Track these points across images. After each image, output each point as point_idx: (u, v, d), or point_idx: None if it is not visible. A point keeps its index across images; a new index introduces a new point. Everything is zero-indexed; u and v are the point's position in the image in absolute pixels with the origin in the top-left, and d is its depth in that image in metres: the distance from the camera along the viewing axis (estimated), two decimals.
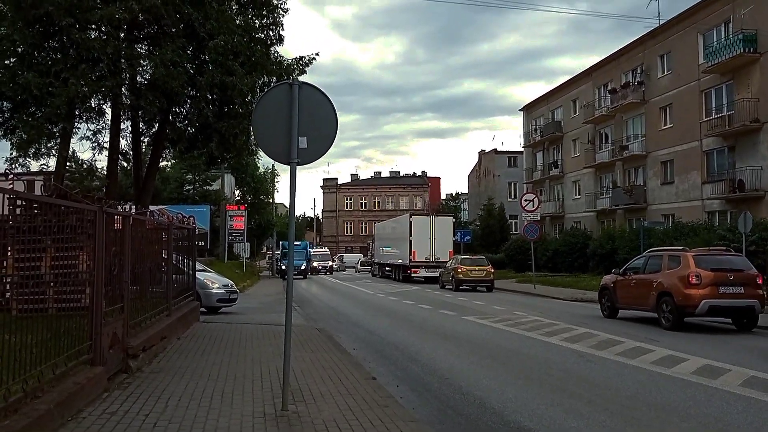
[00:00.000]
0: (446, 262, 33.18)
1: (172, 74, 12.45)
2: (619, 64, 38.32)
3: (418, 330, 14.18)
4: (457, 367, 9.39)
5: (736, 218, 24.06)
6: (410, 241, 35.96)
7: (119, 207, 7.98)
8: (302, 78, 14.01)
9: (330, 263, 59.54)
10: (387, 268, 42.82)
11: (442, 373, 8.95)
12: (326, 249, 69.01)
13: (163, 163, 35.38)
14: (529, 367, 9.44)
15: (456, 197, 78.36)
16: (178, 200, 41.98)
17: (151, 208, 17.67)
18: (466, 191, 77.10)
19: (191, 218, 15.22)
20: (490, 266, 29.46)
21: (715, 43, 29.22)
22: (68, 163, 24.66)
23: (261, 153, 36.92)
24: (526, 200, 31.01)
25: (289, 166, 6.40)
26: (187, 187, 45.56)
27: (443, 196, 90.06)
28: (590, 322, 15.09)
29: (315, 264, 55.16)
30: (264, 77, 14.39)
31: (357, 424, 5.64)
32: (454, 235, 38.50)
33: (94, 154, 15.92)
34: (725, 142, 29.24)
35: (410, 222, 36.77)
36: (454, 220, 40.91)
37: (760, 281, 14.01)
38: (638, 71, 36.27)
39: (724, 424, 6.26)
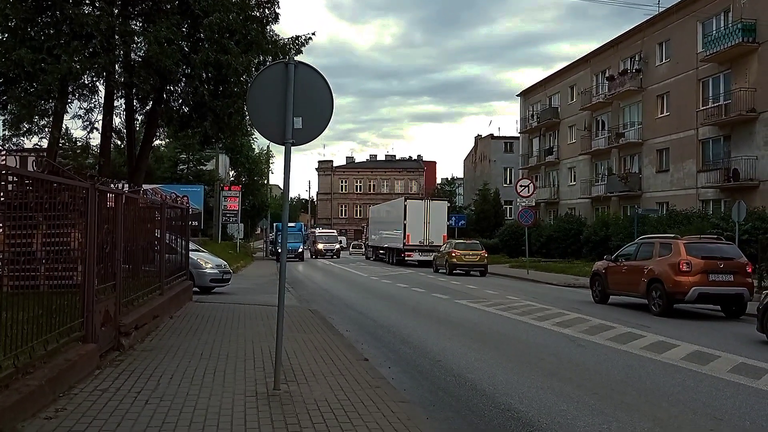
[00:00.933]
0: (440, 246, 33.30)
1: (166, 52, 12.30)
2: (618, 51, 38.18)
3: (411, 313, 14.22)
4: (449, 350, 9.44)
5: (730, 207, 24.16)
6: (405, 225, 36.01)
7: (112, 185, 7.92)
8: (298, 58, 13.88)
9: (337, 246, 54.02)
10: (381, 251, 43.02)
11: (434, 355, 8.99)
12: (334, 230, 62.78)
13: (157, 142, 35.15)
14: (520, 351, 9.50)
15: (451, 182, 78.30)
16: (172, 180, 41.79)
17: (145, 187, 17.58)
18: (462, 176, 77.11)
19: (185, 198, 15.17)
20: (483, 251, 29.60)
21: (714, 32, 29.12)
22: (61, 141, 24.49)
23: (256, 134, 36.83)
24: (521, 186, 31.04)
25: (283, 147, 6.36)
26: (181, 167, 45.34)
27: (439, 181, 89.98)
28: (582, 308, 15.18)
29: (320, 246, 52.23)
30: (260, 56, 14.24)
31: (348, 404, 5.67)
32: (448, 220, 38.83)
33: (87, 132, 15.70)
34: (721, 132, 29.26)
35: (405, 206, 36.90)
36: (449, 204, 41.05)
37: (749, 269, 14.18)
38: (636, 59, 36.15)
39: (713, 409, 6.32)
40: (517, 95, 54.31)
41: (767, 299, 10.72)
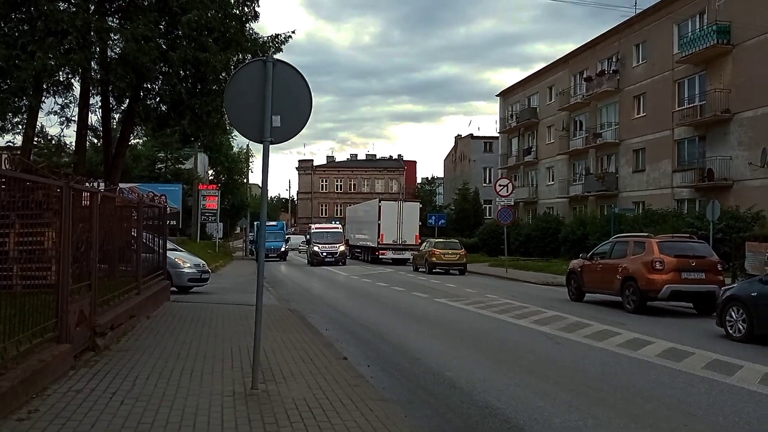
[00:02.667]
0: (413, 245, 35.73)
1: (143, 49, 12.16)
2: (595, 53, 38.58)
3: (391, 311, 14.24)
4: (427, 348, 9.47)
5: (704, 206, 24.52)
6: (379, 225, 37.25)
7: (87, 183, 7.82)
8: (278, 56, 13.80)
9: (341, 247, 37.00)
10: (357, 250, 43.63)
11: (413, 353, 9.02)
12: (338, 225, 43.18)
13: (134, 141, 34.76)
14: (498, 349, 9.57)
15: (432, 181, 78.55)
16: (150, 178, 41.30)
17: (122, 185, 17.37)
18: (442, 175, 77.36)
19: (163, 197, 15.03)
20: (463, 250, 29.94)
21: (690, 33, 29.55)
22: (36, 139, 24.09)
23: (235, 132, 36.56)
24: (500, 185, 31.22)
25: (262, 145, 6.34)
26: (159, 166, 44.83)
27: (419, 180, 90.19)
28: (560, 306, 15.31)
29: (316, 249, 36.33)
30: (239, 54, 14.13)
31: (327, 403, 5.66)
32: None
33: (61, 130, 15.45)
34: (696, 132, 29.72)
35: (379, 206, 38.28)
36: (420, 205, 42.24)
37: (720, 267, 14.46)
38: (614, 60, 36.55)
39: (687, 404, 6.43)
40: (496, 95, 54.64)
41: (725, 295, 11.06)
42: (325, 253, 35.66)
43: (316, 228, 39.78)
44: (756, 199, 25.17)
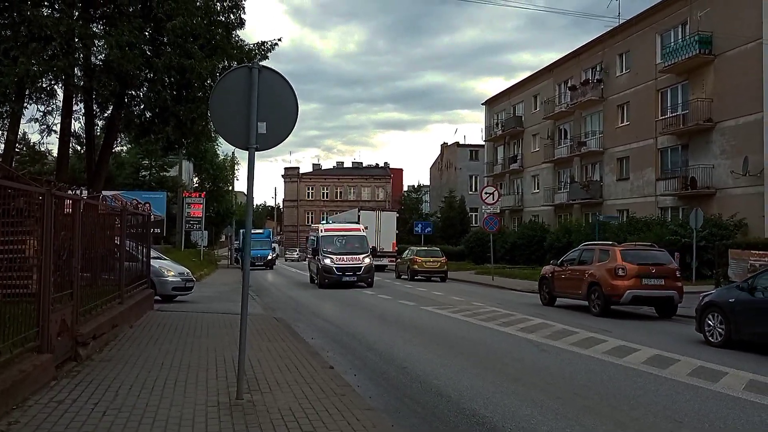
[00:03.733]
0: (390, 252, 38.66)
1: (127, 56, 12.07)
2: (580, 62, 38.94)
3: (378, 320, 14.18)
4: (414, 356, 9.43)
5: (687, 214, 24.80)
6: None
7: (70, 191, 7.71)
8: (263, 64, 13.74)
9: (368, 259, 24.65)
10: None
11: (400, 362, 8.97)
12: (358, 226, 28.84)
13: (118, 148, 34.48)
14: (485, 357, 9.55)
15: (418, 189, 78.65)
16: (134, 186, 40.99)
17: (105, 193, 17.20)
18: (428, 183, 77.48)
19: (147, 204, 14.91)
20: (444, 258, 30.68)
21: (672, 43, 29.94)
22: (18, 146, 23.80)
23: (220, 139, 36.36)
24: (486, 193, 31.28)
25: (247, 152, 6.29)
26: (144, 173, 44.50)
27: (405, 188, 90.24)
28: (546, 313, 15.34)
29: (329, 262, 23.82)
30: (224, 61, 14.07)
31: (313, 413, 5.60)
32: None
33: (43, 137, 15.24)
34: (679, 141, 30.04)
35: (359, 215, 39.77)
36: (397, 215, 44.57)
37: (678, 274, 15.26)
38: (598, 69, 36.93)
39: (673, 411, 6.43)
40: (481, 104, 54.93)
41: (704, 301, 11.27)
42: (342, 270, 23.38)
43: (326, 230, 25.74)
44: (738, 207, 25.48)
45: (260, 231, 50.45)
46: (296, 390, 6.44)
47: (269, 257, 44.49)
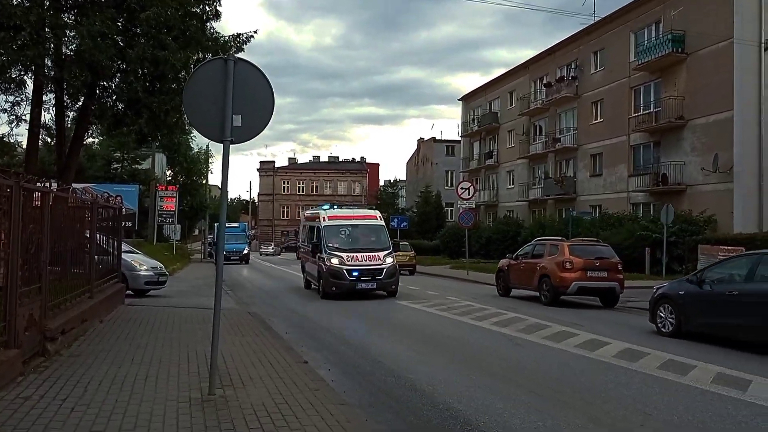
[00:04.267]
0: None
1: (99, 46, 11.81)
2: (555, 59, 39.26)
3: (353, 314, 14.17)
4: (389, 351, 9.44)
5: (658, 210, 25.22)
6: None
7: (39, 183, 7.54)
8: (238, 56, 13.57)
9: (390, 259, 17.77)
10: None
11: (375, 356, 8.97)
12: (377, 214, 20.28)
13: (89, 140, 33.86)
14: (459, 351, 9.60)
15: (394, 184, 78.79)
16: (105, 179, 40.34)
17: (75, 186, 16.87)
18: (405, 178, 77.64)
19: (118, 197, 14.69)
20: (412, 252, 31.80)
21: (646, 42, 30.33)
22: None
23: (195, 132, 35.99)
24: (462, 188, 31.44)
25: (222, 145, 6.21)
26: (115, 166, 43.82)
27: (381, 183, 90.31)
28: (519, 307, 15.49)
29: (336, 262, 17.27)
30: (199, 53, 13.86)
31: (286, 408, 5.57)
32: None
33: (12, 128, 14.93)
34: (651, 138, 30.50)
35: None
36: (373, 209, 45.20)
37: (620, 267, 16.42)
38: (573, 66, 37.28)
39: (643, 404, 6.52)
40: (458, 99, 55.11)
41: (658, 293, 11.77)
42: (357, 273, 17.12)
43: (330, 218, 18.76)
44: (708, 203, 25.98)
45: (235, 225, 49.96)
46: (270, 385, 6.40)
47: (245, 251, 44.00)
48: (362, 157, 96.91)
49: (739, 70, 25.26)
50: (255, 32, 14.68)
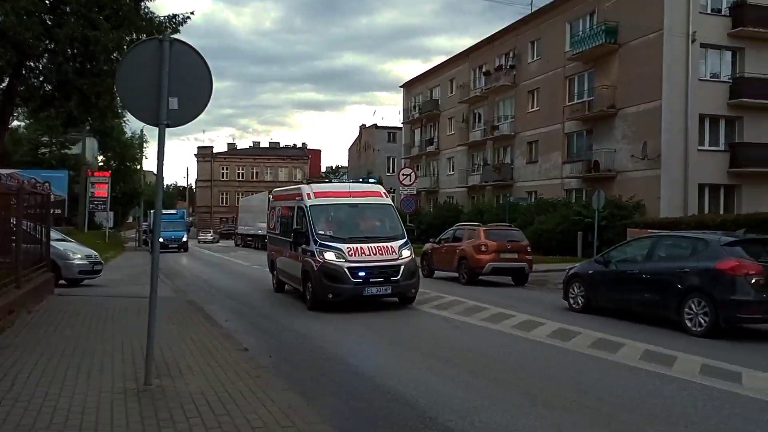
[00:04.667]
0: None
1: (25, 24, 11.22)
2: (494, 48, 39.85)
3: (296, 301, 14.07)
4: (331, 337, 9.45)
5: (590, 196, 26.07)
6: (268, 214, 39.69)
7: None
8: (174, 37, 13.14)
9: (408, 251, 12.88)
10: (249, 239, 46.35)
11: (317, 342, 8.97)
12: (381, 191, 14.40)
13: (15, 123, 32.19)
14: (401, 335, 9.71)
15: (336, 170, 78.53)
16: (33, 164, 38.38)
17: (0, 171, 16.06)
18: (347, 164, 77.46)
19: (46, 184, 14.05)
20: None
21: (581, 32, 31.16)
22: None
23: (129, 116, 34.72)
24: (403, 175, 31.63)
25: (157, 129, 6.03)
26: (43, 151, 41.79)
27: (323, 169, 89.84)
28: (456, 290, 15.76)
29: (332, 257, 12.08)
30: (132, 34, 13.34)
31: (226, 396, 5.50)
32: None
33: None
34: (584, 126, 31.46)
35: (269, 198, 39.65)
36: None
37: (529, 249, 18.05)
38: (511, 55, 37.94)
39: (577, 382, 6.78)
40: (399, 86, 55.28)
41: (570, 272, 12.75)
42: (364, 272, 12.17)
43: (319, 194, 13.52)
44: (636, 189, 27.05)
45: (173, 211, 48.60)
46: (209, 374, 6.30)
47: (183, 239, 42.80)
48: (303, 143, 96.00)
49: (668, 62, 26.28)
50: (192, 13, 14.23)
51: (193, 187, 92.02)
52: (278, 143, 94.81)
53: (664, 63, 26.30)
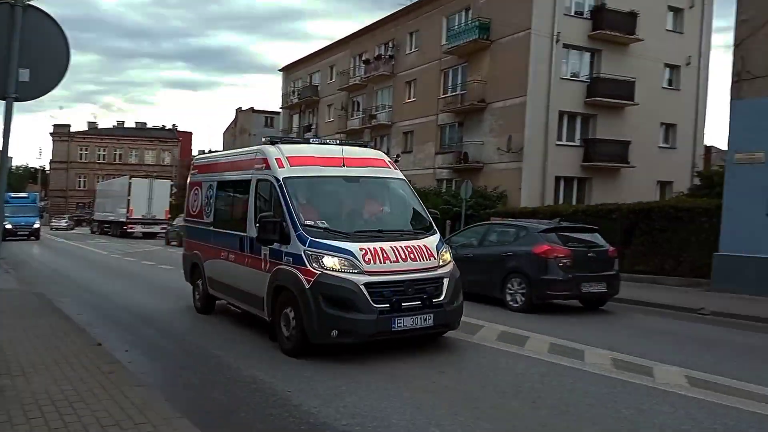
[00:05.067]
0: (162, 219, 40.20)
1: None
2: (374, 37, 40.19)
3: (156, 291, 13.46)
4: (195, 328, 9.14)
5: (459, 186, 27.16)
6: (128, 200, 40.49)
7: None
8: (28, 2, 11.98)
9: (448, 255, 8.19)
10: (106, 225, 45.58)
11: (179, 334, 8.64)
12: (385, 159, 9.70)
13: None
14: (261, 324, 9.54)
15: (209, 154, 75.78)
16: None
17: None
18: (221, 148, 74.98)
19: None
20: None
21: (456, 27, 32.18)
22: None
23: None
24: None
25: (4, 103, 5.44)
26: None
27: (195, 152, 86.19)
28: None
29: (331, 262, 7.13)
30: None
31: (74, 394, 5.12)
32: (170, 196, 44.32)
33: None
34: (456, 118, 32.66)
35: (129, 183, 41.44)
36: (172, 183, 47.22)
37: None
38: (390, 45, 38.45)
39: (438, 363, 7.02)
40: (278, 70, 54.26)
41: None
42: (396, 292, 7.21)
43: (296, 163, 8.18)
44: (501, 180, 28.55)
45: (24, 195, 44.38)
46: (56, 371, 5.83)
47: (35, 225, 39.08)
48: (174, 125, 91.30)
49: (534, 60, 27.79)
50: None
51: (47, 168, 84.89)
52: (145, 123, 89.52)
53: (530, 61, 27.76)
